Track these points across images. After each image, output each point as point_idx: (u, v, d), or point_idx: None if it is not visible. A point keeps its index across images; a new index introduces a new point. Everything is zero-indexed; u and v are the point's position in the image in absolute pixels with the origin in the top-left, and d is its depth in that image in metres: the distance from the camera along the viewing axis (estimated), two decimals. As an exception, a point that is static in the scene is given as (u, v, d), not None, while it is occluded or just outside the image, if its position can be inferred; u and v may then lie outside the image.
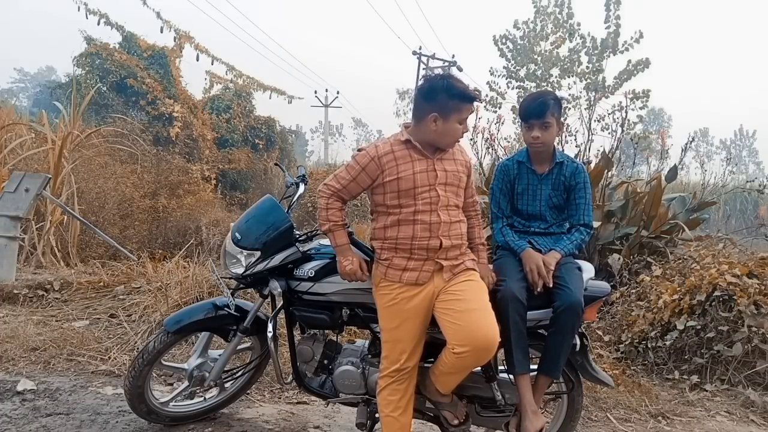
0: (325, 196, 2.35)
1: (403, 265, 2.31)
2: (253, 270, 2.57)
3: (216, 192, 13.96)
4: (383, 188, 2.29)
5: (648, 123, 32.44)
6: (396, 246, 2.31)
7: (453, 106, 2.25)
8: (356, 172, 2.31)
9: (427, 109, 2.27)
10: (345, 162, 3.35)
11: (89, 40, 15.05)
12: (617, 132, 6.05)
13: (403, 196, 2.28)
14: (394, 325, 2.32)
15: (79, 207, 7.33)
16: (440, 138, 2.30)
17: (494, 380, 2.50)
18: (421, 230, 2.29)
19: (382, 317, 2.36)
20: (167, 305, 4.26)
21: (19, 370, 3.58)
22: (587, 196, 2.65)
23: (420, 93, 2.33)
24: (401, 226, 2.29)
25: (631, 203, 5.91)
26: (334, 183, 2.35)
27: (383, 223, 2.34)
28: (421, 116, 2.29)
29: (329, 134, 50.62)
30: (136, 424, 2.91)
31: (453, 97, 2.25)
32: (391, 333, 2.33)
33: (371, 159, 2.28)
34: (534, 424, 2.35)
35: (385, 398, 2.35)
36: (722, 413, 3.51)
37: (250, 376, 3.05)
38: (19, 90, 56.79)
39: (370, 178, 2.30)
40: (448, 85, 2.26)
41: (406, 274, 2.31)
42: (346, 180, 2.32)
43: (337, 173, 2.37)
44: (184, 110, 14.93)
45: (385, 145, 2.31)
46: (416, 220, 2.28)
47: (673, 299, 4.20)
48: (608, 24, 17.90)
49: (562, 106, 2.67)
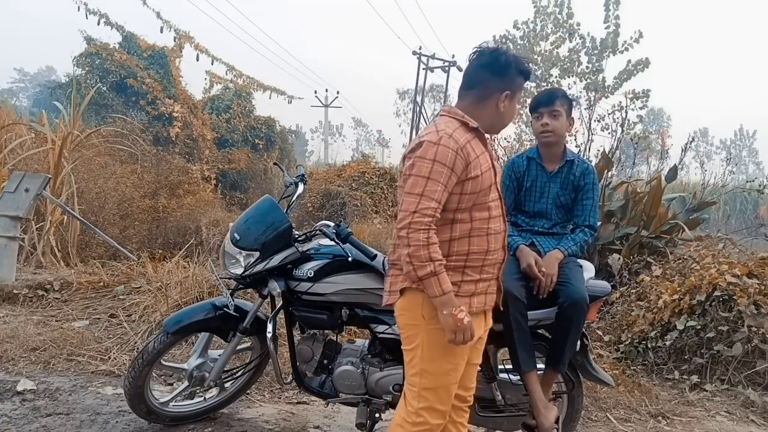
0: (423, 228, 1.73)
1: (472, 290, 1.89)
2: (252, 270, 2.57)
3: (216, 192, 13.95)
4: (462, 187, 1.82)
5: (647, 123, 32.44)
6: (465, 265, 1.87)
7: (519, 84, 1.96)
8: (446, 177, 1.77)
9: (498, 86, 1.91)
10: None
11: (89, 40, 15.04)
12: (617, 132, 6.06)
13: (480, 197, 1.86)
14: (450, 367, 1.88)
15: (79, 207, 7.32)
16: (501, 121, 1.97)
17: (494, 381, 2.50)
18: (494, 241, 1.91)
19: (433, 358, 1.87)
20: (167, 305, 4.26)
21: (19, 370, 3.58)
22: (595, 198, 2.64)
23: (488, 67, 1.91)
24: (473, 237, 1.87)
25: (631, 203, 5.91)
26: (429, 204, 1.74)
27: (449, 235, 1.85)
28: (488, 94, 1.91)
29: (329, 134, 50.62)
30: (136, 424, 2.91)
31: (521, 73, 1.95)
32: (443, 378, 1.88)
33: (456, 153, 1.78)
34: (548, 418, 2.34)
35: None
36: (722, 413, 3.51)
37: (250, 376, 3.05)
38: (19, 90, 56.74)
39: (457, 178, 1.80)
40: (518, 60, 1.93)
41: (475, 300, 1.90)
42: (440, 191, 1.76)
43: (419, 191, 1.76)
44: (184, 110, 14.92)
45: (457, 132, 1.83)
46: (489, 229, 1.89)
47: (673, 299, 4.20)
48: (608, 24, 17.89)
49: (572, 103, 2.67)
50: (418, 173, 1.78)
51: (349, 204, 12.06)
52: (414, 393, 1.91)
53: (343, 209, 11.97)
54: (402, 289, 1.91)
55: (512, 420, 2.54)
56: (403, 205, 1.79)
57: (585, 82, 18.47)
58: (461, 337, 1.78)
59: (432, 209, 1.75)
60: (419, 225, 1.74)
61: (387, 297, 2.01)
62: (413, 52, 19.47)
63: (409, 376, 1.94)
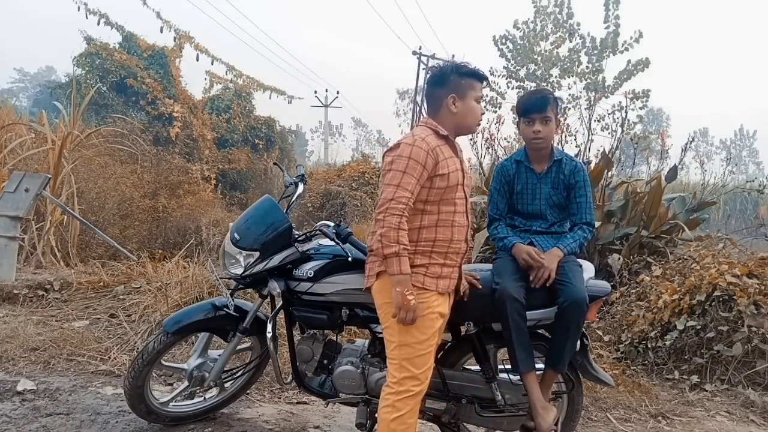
0: (397, 213, 2.04)
1: (438, 273, 2.19)
2: (252, 270, 2.56)
3: (216, 192, 13.96)
4: (431, 182, 2.13)
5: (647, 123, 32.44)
6: (432, 250, 2.17)
7: (467, 84, 2.23)
8: (419, 172, 2.08)
9: (442, 93, 2.23)
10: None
11: (89, 40, 15.04)
12: (617, 132, 6.05)
13: (447, 193, 2.16)
14: (425, 336, 2.16)
15: (79, 207, 7.32)
16: (463, 119, 2.25)
17: (494, 381, 2.50)
18: (458, 233, 2.20)
19: (411, 330, 2.14)
20: (167, 305, 4.26)
21: (19, 370, 3.58)
22: (588, 195, 2.64)
23: (430, 83, 2.28)
24: (439, 227, 2.17)
25: (631, 203, 5.91)
26: (404, 193, 2.06)
27: (418, 223, 2.16)
28: (439, 103, 2.23)
29: (329, 134, 50.61)
30: (136, 424, 2.91)
31: (464, 75, 2.23)
32: (423, 345, 2.16)
33: (427, 153, 2.10)
34: (546, 420, 2.34)
35: (404, 422, 2.15)
36: (722, 413, 3.51)
37: (250, 375, 3.05)
38: (19, 90, 56.73)
39: (428, 174, 2.11)
40: (456, 66, 2.25)
41: (441, 282, 2.19)
42: (413, 184, 2.07)
43: (396, 182, 2.07)
44: (184, 110, 14.93)
45: (429, 137, 2.15)
46: (454, 221, 2.19)
47: (673, 299, 4.20)
48: (608, 24, 17.90)
49: (559, 105, 2.67)
50: (396, 168, 2.09)
51: (349, 204, 12.07)
52: (395, 365, 2.18)
53: (343, 209, 11.98)
54: (378, 272, 2.18)
55: (512, 420, 2.54)
56: (383, 193, 2.10)
57: (585, 82, 18.47)
58: (404, 315, 2.06)
59: (406, 198, 2.05)
60: (394, 210, 2.04)
61: (366, 281, 2.28)
62: (413, 52, 19.51)
63: (389, 351, 2.20)
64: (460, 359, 2.64)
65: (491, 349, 2.55)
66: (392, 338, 2.18)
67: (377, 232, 2.07)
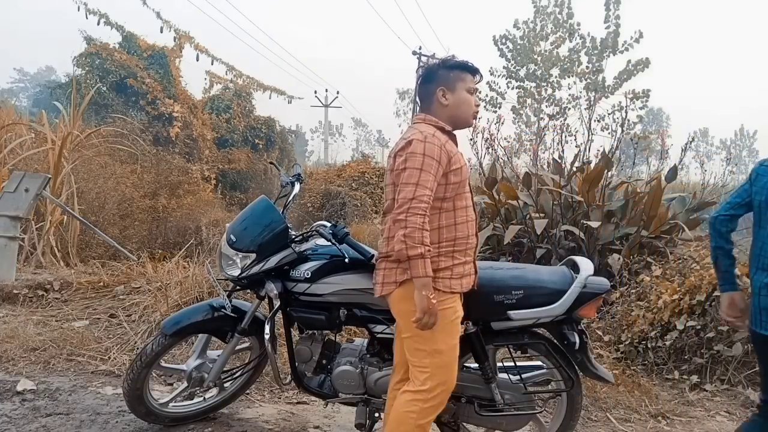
0: (420, 213, 1.93)
1: (461, 272, 2.11)
2: (249, 272, 2.55)
3: (216, 192, 13.98)
4: (446, 179, 2.06)
5: (647, 123, 32.42)
6: (454, 249, 2.09)
7: (455, 76, 2.20)
8: (435, 169, 2.00)
9: (432, 88, 2.20)
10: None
11: (89, 40, 15.06)
12: (617, 132, 6.04)
13: (461, 187, 2.11)
14: (455, 341, 2.11)
15: (79, 207, 7.33)
16: (456, 110, 2.19)
17: (493, 380, 2.50)
18: (471, 228, 2.15)
19: (441, 336, 2.05)
20: (167, 305, 4.26)
21: (19, 370, 3.58)
22: None
23: (421, 82, 2.25)
24: (458, 225, 2.10)
25: (631, 203, 5.90)
26: (424, 191, 1.95)
27: (437, 223, 2.07)
28: (430, 99, 2.20)
29: (329, 134, 50.60)
30: (136, 425, 2.91)
31: (451, 68, 2.21)
32: (451, 353, 2.10)
33: (440, 148, 2.03)
34: None
35: (423, 428, 2.12)
36: (722, 413, 3.51)
37: (249, 375, 3.05)
38: (19, 90, 56.77)
39: (443, 170, 2.04)
40: (443, 60, 2.25)
41: (464, 280, 2.12)
42: (431, 181, 1.98)
43: (415, 181, 1.96)
44: (184, 110, 14.94)
45: (437, 133, 2.10)
46: (467, 216, 2.14)
47: (673, 299, 4.20)
48: (608, 24, 17.92)
49: None
50: (411, 166, 1.99)
51: (349, 204, 12.08)
52: (427, 374, 2.07)
53: (343, 209, 11.98)
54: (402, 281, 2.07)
55: (511, 420, 2.53)
56: (401, 193, 1.98)
57: (585, 82, 18.48)
58: (427, 319, 1.95)
59: (427, 196, 1.96)
60: (417, 210, 1.93)
61: (380, 288, 2.16)
62: (413, 52, 19.52)
63: (419, 360, 2.10)
64: (460, 358, 2.63)
65: (490, 348, 2.55)
66: (423, 346, 2.07)
67: (400, 233, 1.93)
